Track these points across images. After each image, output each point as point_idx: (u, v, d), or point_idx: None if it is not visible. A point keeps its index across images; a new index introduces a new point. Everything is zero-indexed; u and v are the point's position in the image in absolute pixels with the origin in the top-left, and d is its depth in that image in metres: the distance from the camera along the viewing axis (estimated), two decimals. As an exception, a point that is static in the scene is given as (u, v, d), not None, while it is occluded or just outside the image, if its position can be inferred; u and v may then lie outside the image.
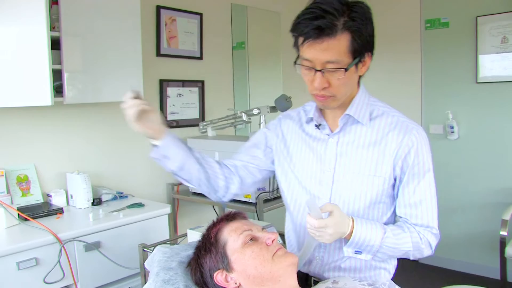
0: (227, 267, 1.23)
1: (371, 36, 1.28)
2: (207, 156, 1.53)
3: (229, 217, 1.36)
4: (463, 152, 3.81)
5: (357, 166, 1.36)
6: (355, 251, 1.33)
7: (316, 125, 1.44)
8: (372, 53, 1.30)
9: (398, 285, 1.40)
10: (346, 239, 1.30)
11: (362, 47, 1.24)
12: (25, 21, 2.10)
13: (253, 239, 1.25)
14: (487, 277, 3.71)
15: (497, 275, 3.31)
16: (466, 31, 3.70)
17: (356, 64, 1.26)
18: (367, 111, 1.39)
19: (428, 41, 3.92)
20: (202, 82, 3.47)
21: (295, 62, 1.30)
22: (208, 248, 1.28)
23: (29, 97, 2.16)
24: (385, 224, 1.38)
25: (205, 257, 1.28)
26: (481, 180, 3.74)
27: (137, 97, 1.34)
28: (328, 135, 1.42)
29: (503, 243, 3.03)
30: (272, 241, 1.25)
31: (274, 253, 1.22)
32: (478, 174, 3.75)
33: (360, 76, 1.37)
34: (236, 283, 1.23)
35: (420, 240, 1.34)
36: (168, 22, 3.18)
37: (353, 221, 1.29)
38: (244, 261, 1.21)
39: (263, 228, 1.32)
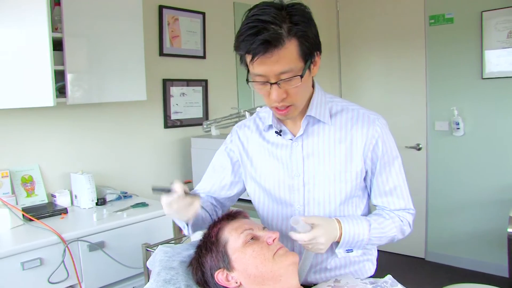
0: (228, 266, 1.23)
1: (317, 35, 1.23)
2: (209, 201, 1.53)
3: (230, 216, 1.35)
4: (469, 149, 3.78)
5: (326, 165, 1.36)
6: (346, 250, 1.35)
7: (276, 132, 1.41)
8: (320, 52, 1.26)
9: (404, 282, 1.39)
10: (336, 242, 1.31)
11: (311, 48, 1.21)
12: (27, 23, 2.11)
13: (254, 238, 1.24)
14: (495, 275, 3.68)
15: (505, 273, 3.28)
16: (471, 26, 3.67)
17: (309, 67, 1.22)
18: (327, 109, 1.38)
19: (432, 37, 3.89)
20: (206, 81, 3.47)
21: (247, 80, 1.25)
22: (209, 248, 1.28)
23: (32, 98, 2.17)
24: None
25: (206, 256, 1.27)
26: (488, 177, 3.71)
27: (186, 192, 1.22)
28: (291, 139, 1.39)
29: (510, 240, 3.00)
30: (273, 240, 1.24)
31: (275, 252, 1.22)
32: (485, 171, 3.72)
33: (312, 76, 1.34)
34: (237, 282, 1.22)
35: (402, 222, 1.39)
36: (170, 21, 3.18)
37: (339, 222, 1.30)
38: (245, 260, 1.21)
39: (264, 227, 1.32)
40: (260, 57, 1.15)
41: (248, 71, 1.23)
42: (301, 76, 1.19)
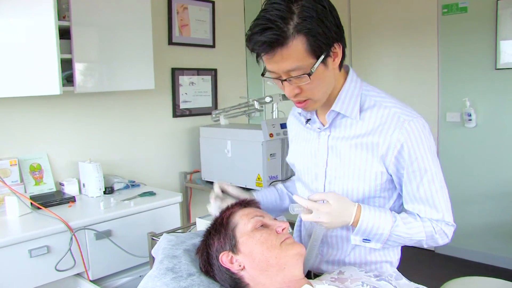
0: (234, 249, 1.23)
1: (334, 26, 1.16)
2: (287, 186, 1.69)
3: (243, 204, 1.36)
4: (481, 141, 3.73)
5: (346, 161, 1.32)
6: (363, 239, 1.28)
7: (305, 118, 1.41)
8: (341, 42, 1.20)
9: (414, 275, 1.36)
10: (354, 227, 1.25)
11: (323, 43, 1.14)
12: (34, 11, 2.10)
13: (264, 225, 1.25)
14: (505, 268, 3.65)
15: (516, 266, 3.25)
16: (486, 16, 3.60)
17: (323, 62, 1.17)
18: (357, 103, 1.30)
19: (445, 27, 3.83)
20: (215, 70, 3.45)
21: (262, 74, 1.25)
22: (218, 229, 1.28)
23: (39, 86, 2.17)
24: None
25: (214, 238, 1.28)
26: (500, 169, 3.66)
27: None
28: (319, 128, 1.37)
29: (521, 233, 2.97)
30: (282, 230, 1.24)
31: (283, 241, 1.21)
32: (497, 163, 3.67)
33: (341, 64, 1.27)
34: (240, 266, 1.22)
35: (434, 229, 1.28)
36: (179, 10, 3.17)
37: (360, 208, 1.24)
38: (251, 244, 1.21)
39: (274, 218, 1.32)
40: (264, 56, 1.15)
41: (264, 67, 1.22)
42: (309, 74, 1.15)
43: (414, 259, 3.91)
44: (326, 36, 1.14)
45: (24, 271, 1.96)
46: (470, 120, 3.71)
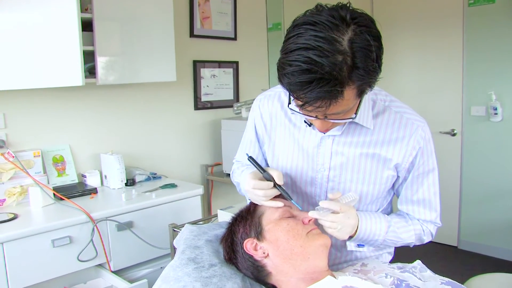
0: (259, 236, 1.22)
1: (380, 61, 1.01)
2: None
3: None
4: (507, 135, 3.64)
5: (355, 168, 1.27)
6: (358, 244, 1.31)
7: (306, 122, 1.22)
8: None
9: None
10: (351, 236, 1.26)
11: (370, 84, 1.02)
12: (57, 3, 2.11)
13: (291, 216, 1.24)
14: (532, 265, 3.57)
15: (541, 263, 3.17)
16: (513, 7, 3.52)
17: None
18: (370, 110, 1.24)
19: (471, 19, 3.74)
20: (237, 63, 3.44)
21: (289, 105, 1.09)
22: (244, 216, 1.28)
23: (61, 78, 2.18)
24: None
25: (239, 224, 1.27)
26: (526, 164, 3.58)
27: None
28: (323, 132, 1.26)
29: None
30: (309, 221, 1.23)
31: (309, 231, 1.20)
32: (523, 157, 3.59)
33: None
34: (264, 253, 1.21)
35: (423, 231, 1.33)
36: (201, 2, 3.16)
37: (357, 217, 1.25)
38: (277, 232, 1.20)
39: (300, 210, 1.30)
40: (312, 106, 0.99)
41: (289, 93, 1.05)
42: (354, 118, 1.09)
43: (436, 255, 3.85)
44: (376, 77, 1.02)
45: (47, 261, 1.98)
46: (496, 114, 3.62)
